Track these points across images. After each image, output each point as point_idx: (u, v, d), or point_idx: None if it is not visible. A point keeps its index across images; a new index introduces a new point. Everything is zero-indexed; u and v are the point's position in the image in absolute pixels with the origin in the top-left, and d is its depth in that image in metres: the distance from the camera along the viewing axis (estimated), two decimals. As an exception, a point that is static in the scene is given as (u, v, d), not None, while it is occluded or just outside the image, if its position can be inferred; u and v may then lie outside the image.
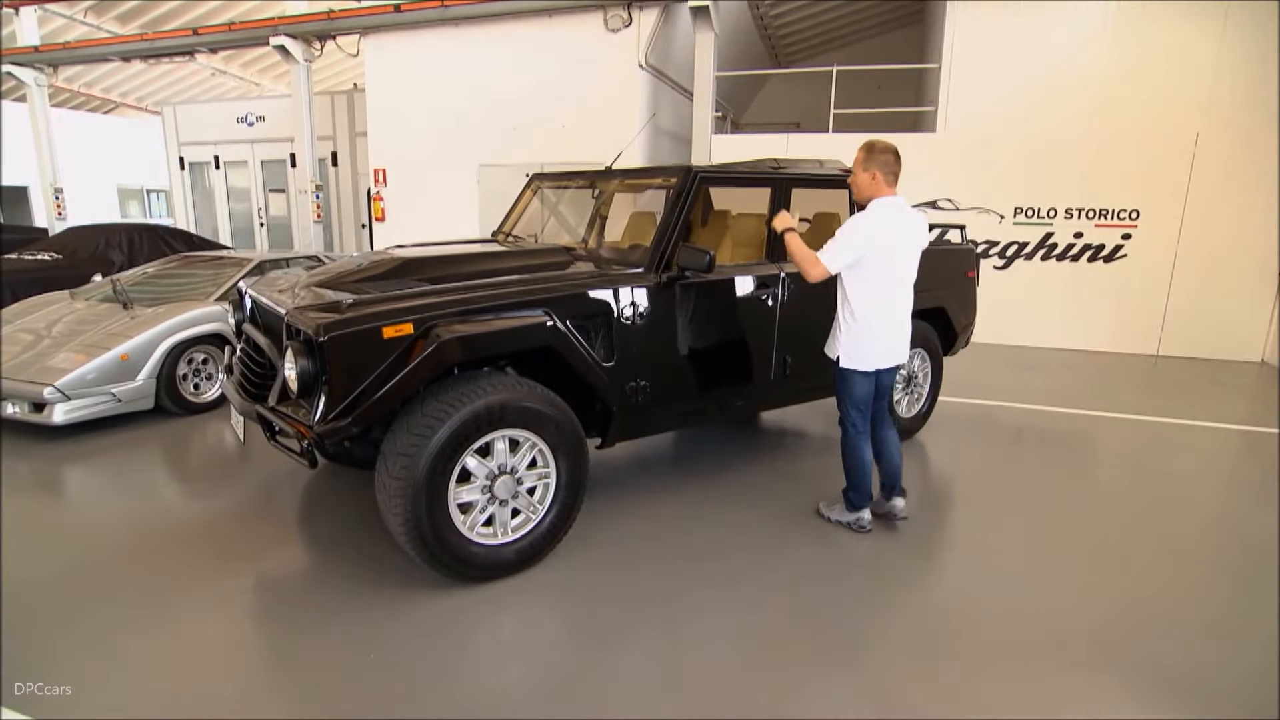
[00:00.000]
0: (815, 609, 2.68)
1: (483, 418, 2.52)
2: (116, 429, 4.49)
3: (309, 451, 2.51)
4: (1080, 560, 3.10)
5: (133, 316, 4.78)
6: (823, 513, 3.38)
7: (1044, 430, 5.00)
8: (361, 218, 11.91)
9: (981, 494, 3.84)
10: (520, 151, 9.11)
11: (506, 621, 2.57)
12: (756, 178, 3.70)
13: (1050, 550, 3.19)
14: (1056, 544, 3.25)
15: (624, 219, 4.67)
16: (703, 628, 2.53)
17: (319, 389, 2.37)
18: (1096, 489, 3.95)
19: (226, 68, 16.04)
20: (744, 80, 12.06)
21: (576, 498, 2.89)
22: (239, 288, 3.47)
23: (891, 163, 2.97)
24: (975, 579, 2.94)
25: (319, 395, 2.37)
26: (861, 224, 2.92)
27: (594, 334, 2.98)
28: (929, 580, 2.96)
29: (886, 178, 2.98)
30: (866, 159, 2.98)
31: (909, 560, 3.09)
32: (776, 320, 3.65)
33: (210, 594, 2.69)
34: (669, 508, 3.51)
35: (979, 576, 2.95)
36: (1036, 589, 2.85)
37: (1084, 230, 7.68)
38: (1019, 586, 2.87)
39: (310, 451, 2.52)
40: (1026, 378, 6.55)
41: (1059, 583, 2.91)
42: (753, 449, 4.41)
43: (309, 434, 2.39)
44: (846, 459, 3.24)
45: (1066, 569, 3.02)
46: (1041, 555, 3.15)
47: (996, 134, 7.76)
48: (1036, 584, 2.90)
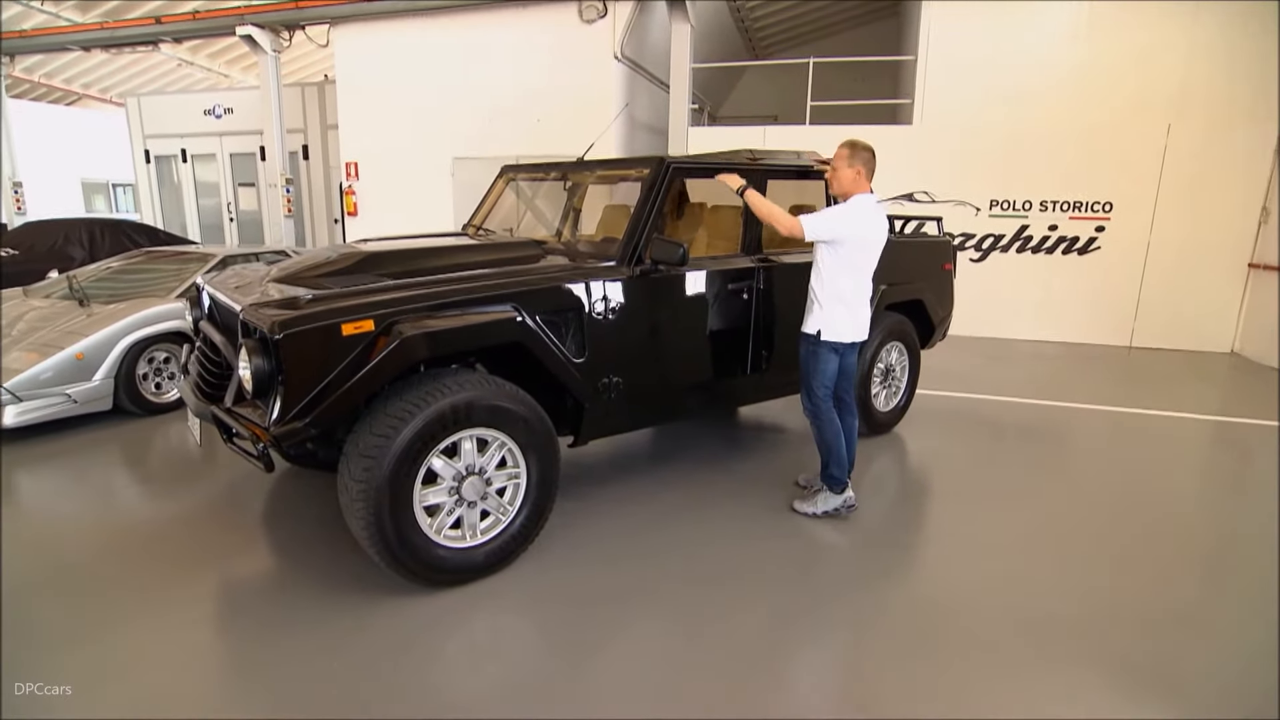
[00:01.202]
0: (795, 608, 2.63)
1: (448, 417, 2.43)
2: (73, 431, 4.32)
3: (265, 455, 2.40)
4: (1059, 554, 3.08)
5: (89, 314, 4.61)
6: (802, 510, 3.34)
7: (1020, 422, 5.00)
8: (334, 212, 11.68)
9: (959, 487, 3.82)
10: (495, 144, 8.97)
11: (478, 626, 2.48)
12: (731, 169, 3.63)
13: (1029, 543, 3.17)
14: (1035, 537, 3.23)
15: (598, 212, 4.59)
16: (681, 629, 2.47)
17: (275, 389, 2.26)
18: (1074, 481, 3.95)
19: (193, 58, 15.64)
20: (721, 72, 12.00)
21: (548, 498, 2.82)
22: (197, 284, 3.34)
23: (871, 161, 3.13)
24: (955, 573, 2.90)
25: (275, 396, 2.26)
26: (850, 213, 3.08)
27: (565, 329, 2.90)
28: (909, 576, 2.93)
29: (868, 175, 3.12)
30: (851, 155, 3.10)
31: (888, 555, 3.06)
32: (753, 314, 3.60)
33: (165, 603, 2.58)
34: (645, 505, 3.44)
35: (959, 571, 2.92)
36: (1015, 583, 2.83)
37: (1059, 223, 7.72)
38: (998, 581, 2.85)
39: (266, 455, 2.41)
40: (1002, 369, 6.57)
41: (1037, 576, 2.89)
42: (730, 444, 4.36)
43: (265, 436, 2.28)
44: (823, 431, 3.26)
45: (1045, 562, 3.01)
46: (1020, 549, 3.12)
47: (973, 126, 7.77)
48: (1015, 578, 2.87)
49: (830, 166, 3.19)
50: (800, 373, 3.31)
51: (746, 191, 3.21)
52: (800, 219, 3.05)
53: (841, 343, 3.18)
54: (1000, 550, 3.12)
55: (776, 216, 3.09)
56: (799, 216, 3.06)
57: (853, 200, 3.11)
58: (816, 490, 3.37)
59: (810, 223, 3.05)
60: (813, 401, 3.27)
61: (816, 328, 3.19)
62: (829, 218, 3.07)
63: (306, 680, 2.18)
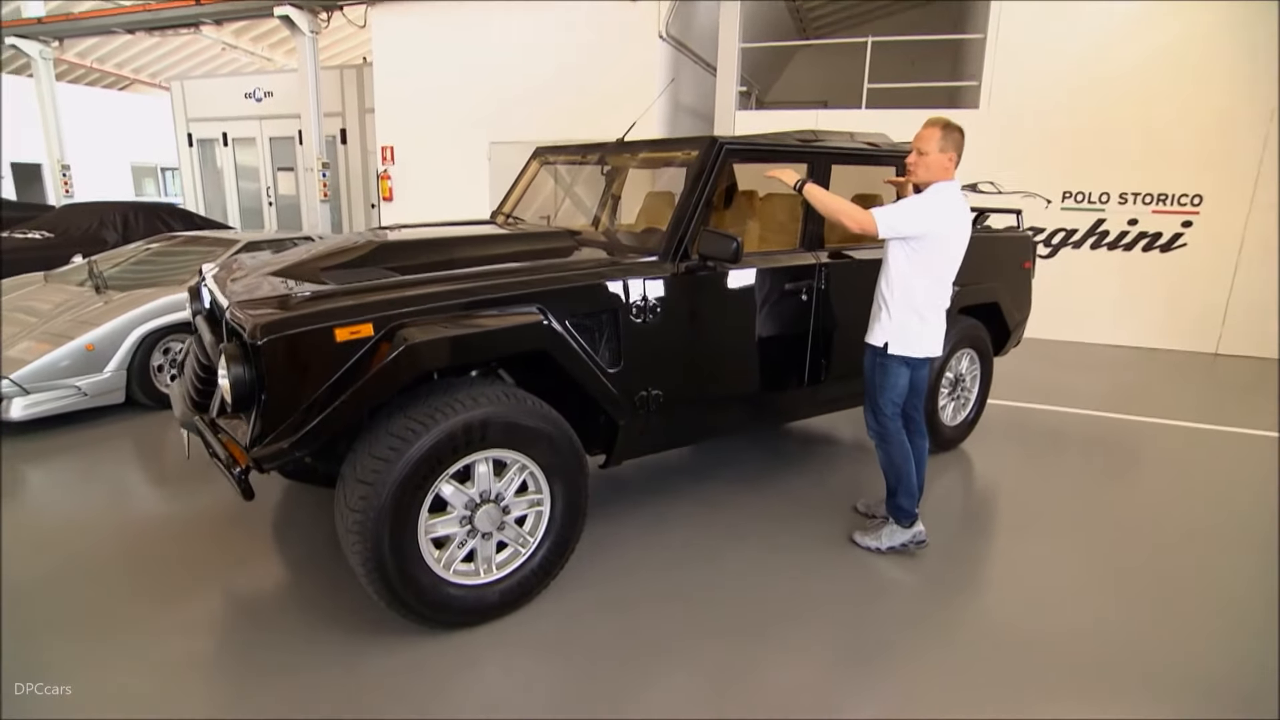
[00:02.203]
0: (852, 658, 2.24)
1: (459, 438, 2.09)
2: (83, 425, 4.12)
3: (242, 479, 2.06)
4: (1130, 584, 2.75)
5: (105, 302, 4.40)
6: (864, 544, 2.93)
7: (1091, 438, 4.48)
8: (371, 197, 11.50)
9: (1036, 515, 3.34)
10: (533, 128, 8.62)
11: (488, 674, 2.15)
12: (791, 151, 3.21)
13: (1123, 583, 2.77)
14: (1129, 576, 2.82)
15: (639, 199, 4.21)
16: (720, 684, 2.10)
17: (256, 403, 1.94)
18: (1148, 505, 3.49)
19: (237, 41, 15.67)
20: (769, 56, 11.45)
21: (574, 528, 2.46)
22: (200, 273, 3.06)
23: (962, 144, 2.66)
24: (1041, 620, 2.50)
25: (256, 411, 1.94)
26: (933, 205, 2.61)
27: (598, 335, 2.53)
28: (987, 623, 2.49)
29: (957, 161, 2.66)
30: (944, 137, 2.61)
31: (962, 599, 2.64)
32: (812, 318, 3.18)
33: (148, 629, 2.30)
34: (680, 530, 3.06)
35: (1045, 617, 2.52)
36: (1113, 631, 2.44)
37: (1139, 216, 7.06)
38: (1065, 611, 2.55)
39: (244, 479, 2.06)
40: (1073, 377, 6.00)
41: (1106, 607, 2.59)
42: (776, 458, 3.94)
43: (243, 458, 1.96)
44: (892, 454, 2.84)
45: (1114, 593, 2.69)
46: (1113, 589, 2.73)
47: (1046, 110, 7.14)
48: (1112, 625, 2.48)
49: (915, 150, 2.67)
50: (865, 388, 2.88)
51: (806, 187, 2.73)
52: (874, 212, 2.58)
53: (914, 357, 2.74)
54: (1090, 590, 2.72)
55: (845, 212, 2.62)
56: (871, 210, 2.61)
57: (935, 189, 2.63)
58: (881, 522, 2.96)
59: (885, 217, 2.58)
60: (879, 421, 2.84)
61: (884, 339, 2.75)
62: (908, 211, 2.60)
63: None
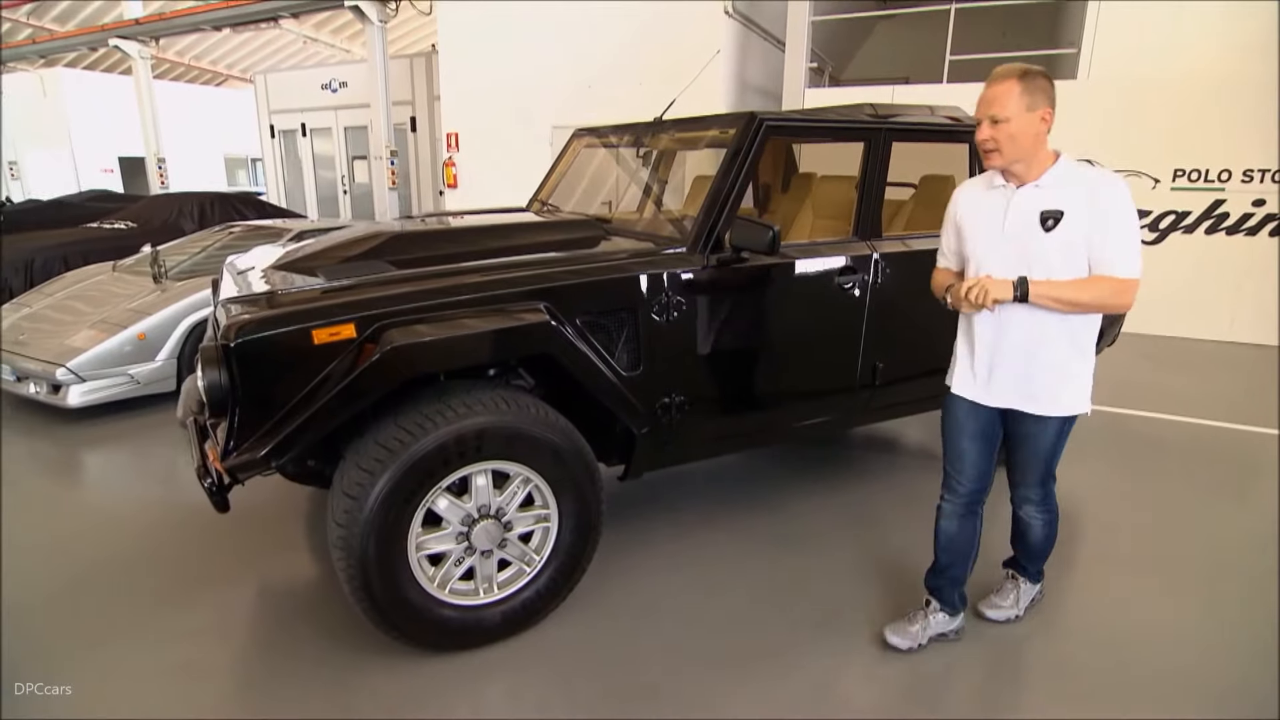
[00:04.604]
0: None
1: (450, 449, 1.90)
2: (136, 412, 4.20)
3: (216, 489, 1.93)
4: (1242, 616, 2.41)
5: (162, 291, 4.49)
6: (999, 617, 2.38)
7: (1198, 450, 3.92)
8: (439, 184, 11.62)
9: (1152, 549, 2.86)
10: (595, 111, 8.38)
11: (487, 703, 1.98)
12: (844, 127, 2.86)
13: (1207, 604, 2.45)
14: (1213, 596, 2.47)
15: (688, 182, 3.94)
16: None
17: (231, 409, 1.81)
18: (1265, 530, 2.99)
19: (318, 35, 16.15)
20: (845, 30, 10.80)
21: (586, 545, 2.24)
22: (226, 264, 3.00)
23: (1053, 95, 1.86)
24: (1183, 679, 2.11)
25: (230, 418, 1.81)
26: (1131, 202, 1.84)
27: (615, 334, 2.29)
28: (1117, 695, 2.14)
29: (1051, 120, 1.87)
30: (1026, 90, 1.81)
31: (1084, 652, 2.25)
32: (865, 315, 2.83)
33: (157, 634, 2.25)
34: (710, 549, 2.78)
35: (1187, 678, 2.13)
36: (1185, 647, 2.25)
37: (1267, 196, 6.22)
38: (1166, 645, 2.27)
39: (218, 489, 1.94)
40: (1179, 379, 5.34)
41: (1211, 641, 2.30)
42: (824, 466, 3.61)
43: (220, 466, 1.84)
44: (1053, 526, 2.26)
45: (1223, 625, 2.37)
46: (1194, 608, 2.44)
47: (1156, 77, 6.37)
48: (1185, 642, 2.28)
49: (986, 120, 1.84)
50: (1028, 460, 2.13)
51: (1031, 293, 1.85)
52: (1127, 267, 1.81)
53: None
54: (1170, 608, 2.41)
55: (1119, 292, 1.83)
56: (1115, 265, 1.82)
57: (1081, 174, 1.86)
58: (1007, 586, 2.43)
59: (1136, 260, 1.83)
60: (1045, 489, 2.21)
61: (1077, 407, 2.01)
62: (1134, 228, 1.84)
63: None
